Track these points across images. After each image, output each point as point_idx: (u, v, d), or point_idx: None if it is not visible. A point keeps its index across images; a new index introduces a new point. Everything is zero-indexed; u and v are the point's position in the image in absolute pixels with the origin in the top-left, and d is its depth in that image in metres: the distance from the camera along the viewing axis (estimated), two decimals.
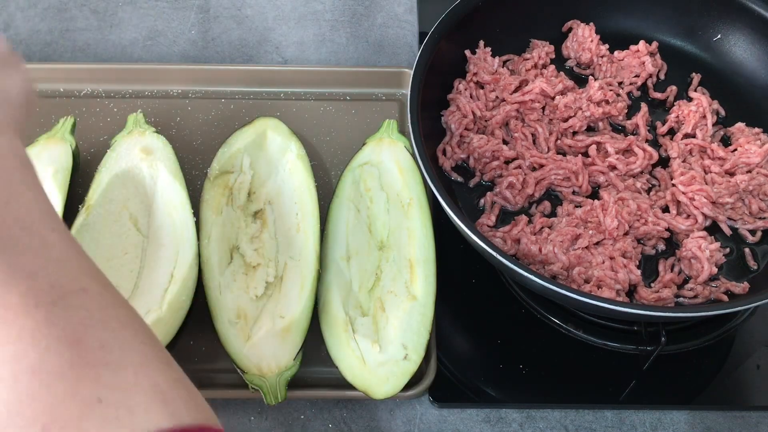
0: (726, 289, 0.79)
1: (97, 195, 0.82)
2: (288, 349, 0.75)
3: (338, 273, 0.80)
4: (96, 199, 0.82)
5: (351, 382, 0.74)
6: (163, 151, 0.86)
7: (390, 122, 0.90)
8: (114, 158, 0.86)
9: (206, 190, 0.84)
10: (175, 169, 0.85)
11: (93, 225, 0.81)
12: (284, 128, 0.89)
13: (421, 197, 0.83)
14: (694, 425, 0.79)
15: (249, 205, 0.85)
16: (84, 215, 0.81)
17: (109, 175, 0.84)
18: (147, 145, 0.87)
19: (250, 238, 0.83)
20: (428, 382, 0.77)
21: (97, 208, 0.81)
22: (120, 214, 0.83)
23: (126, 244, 0.82)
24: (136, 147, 0.86)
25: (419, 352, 0.75)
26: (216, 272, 0.79)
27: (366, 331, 0.77)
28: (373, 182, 0.86)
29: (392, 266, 0.81)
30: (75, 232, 0.79)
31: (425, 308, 0.77)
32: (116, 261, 0.80)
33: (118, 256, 0.80)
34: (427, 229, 0.81)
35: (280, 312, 0.77)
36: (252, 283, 0.80)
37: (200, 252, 0.80)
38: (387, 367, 0.74)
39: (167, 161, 0.85)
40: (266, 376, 0.74)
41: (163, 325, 0.75)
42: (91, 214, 0.81)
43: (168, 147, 0.87)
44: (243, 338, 0.76)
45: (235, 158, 0.87)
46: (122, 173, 0.84)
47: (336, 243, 0.82)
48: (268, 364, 0.74)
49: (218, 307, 0.77)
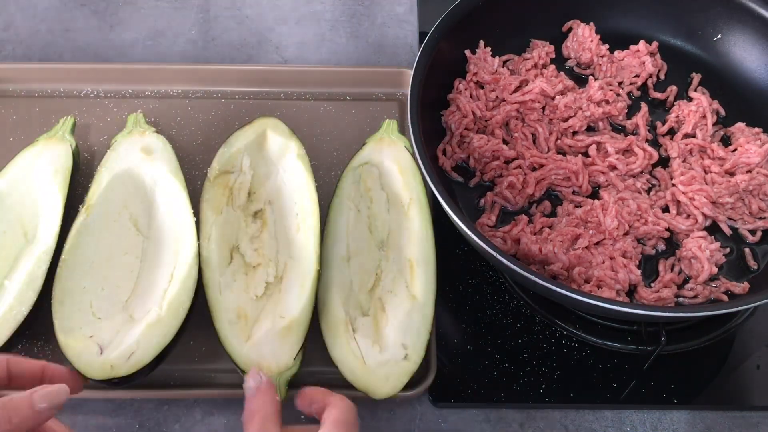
0: (726, 289, 0.79)
1: (97, 195, 0.82)
2: (288, 348, 0.75)
3: (338, 273, 0.80)
4: (96, 199, 0.82)
5: (351, 382, 0.74)
6: (163, 151, 0.86)
7: (390, 122, 0.90)
8: (114, 158, 0.85)
9: (206, 190, 0.84)
10: (175, 169, 0.85)
11: (93, 225, 0.80)
12: (284, 128, 0.89)
13: (421, 197, 0.83)
14: (694, 425, 0.79)
15: (249, 205, 0.85)
16: (84, 215, 0.80)
17: (110, 176, 0.84)
18: (147, 145, 0.86)
19: (250, 238, 0.83)
20: (428, 382, 0.77)
21: (97, 208, 0.81)
22: (120, 215, 0.83)
23: (126, 245, 0.82)
24: (136, 147, 0.86)
25: (419, 353, 0.75)
26: (216, 272, 0.79)
27: (366, 331, 0.77)
28: (373, 182, 0.86)
29: (392, 266, 0.81)
30: (75, 232, 0.79)
31: (425, 308, 0.77)
32: (116, 261, 0.80)
33: (118, 256, 0.80)
34: (427, 229, 0.81)
35: (280, 312, 0.77)
36: (252, 283, 0.80)
37: (200, 252, 0.80)
38: (387, 368, 0.74)
39: (167, 161, 0.85)
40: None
41: (163, 325, 0.75)
42: (92, 214, 0.81)
43: (168, 147, 0.87)
44: (243, 338, 0.76)
45: (235, 158, 0.87)
46: (122, 173, 0.84)
47: (336, 243, 0.81)
48: (268, 364, 0.74)
49: (218, 307, 0.77)
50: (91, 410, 0.78)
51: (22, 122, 0.94)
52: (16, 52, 1.04)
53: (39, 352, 0.79)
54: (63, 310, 0.75)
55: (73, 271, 0.77)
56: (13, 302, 0.75)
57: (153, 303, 0.77)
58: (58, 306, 0.75)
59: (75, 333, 0.74)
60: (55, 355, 0.79)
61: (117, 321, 0.76)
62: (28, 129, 0.93)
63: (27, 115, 0.94)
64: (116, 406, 0.78)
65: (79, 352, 0.72)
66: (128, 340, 0.74)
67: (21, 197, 0.83)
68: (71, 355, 0.72)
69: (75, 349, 0.73)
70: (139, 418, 0.78)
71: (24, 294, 0.76)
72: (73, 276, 0.77)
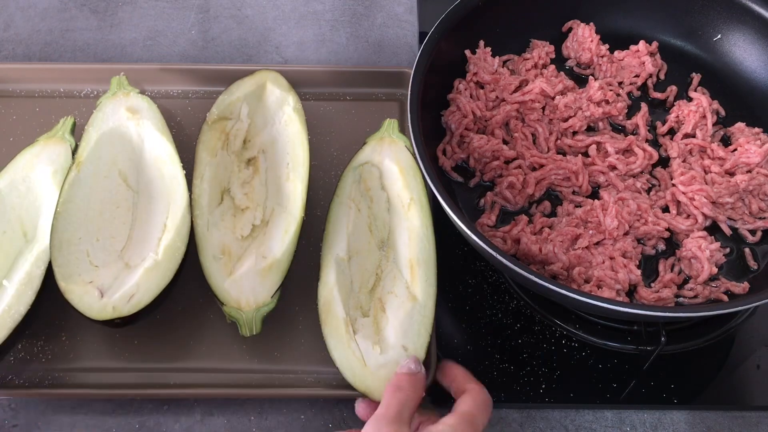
0: (726, 289, 0.79)
1: (86, 153, 0.84)
2: (267, 287, 0.78)
3: (339, 273, 0.80)
4: (86, 156, 0.84)
5: (351, 384, 0.74)
6: (148, 110, 0.89)
7: (390, 121, 0.90)
8: (101, 118, 0.88)
9: (203, 133, 0.88)
10: (161, 126, 0.88)
11: (84, 181, 0.83)
12: (284, 82, 0.93)
13: (421, 197, 0.83)
14: (694, 425, 0.79)
15: (243, 152, 0.89)
16: (75, 171, 0.83)
17: (97, 134, 0.86)
18: (132, 105, 0.89)
19: (242, 183, 0.87)
20: (428, 382, 0.77)
21: (86, 164, 0.84)
22: (110, 171, 0.86)
23: (117, 199, 0.85)
24: (121, 107, 0.89)
25: (420, 354, 0.75)
26: (205, 210, 0.83)
27: (367, 332, 0.77)
28: (373, 182, 0.86)
29: (393, 266, 0.81)
30: (67, 186, 0.82)
31: (426, 309, 0.77)
32: (109, 214, 0.83)
33: (110, 210, 0.84)
34: (428, 229, 0.81)
35: (263, 253, 0.81)
36: (239, 224, 0.84)
37: (192, 190, 0.84)
38: (388, 369, 0.74)
39: (153, 119, 0.88)
40: (244, 310, 0.78)
41: (161, 269, 0.78)
42: (82, 170, 0.83)
43: (153, 106, 0.90)
44: (225, 273, 0.79)
45: (234, 106, 0.90)
46: (110, 132, 0.87)
47: (336, 242, 0.82)
48: (247, 299, 0.78)
49: (204, 243, 0.81)
50: (91, 410, 0.78)
51: (22, 122, 0.94)
52: (16, 52, 1.04)
53: (39, 352, 0.79)
54: (61, 257, 0.78)
55: (68, 222, 0.80)
56: (11, 301, 0.76)
57: (148, 251, 0.80)
58: (57, 253, 0.78)
59: (75, 278, 0.77)
60: (55, 356, 0.79)
61: (114, 269, 0.79)
62: (28, 129, 0.93)
63: (27, 115, 0.94)
64: (116, 406, 0.78)
65: (80, 295, 0.76)
66: (128, 283, 0.77)
67: (21, 197, 0.84)
68: (73, 298, 0.76)
69: (76, 293, 0.76)
70: (139, 418, 0.78)
71: (23, 294, 0.76)
72: (68, 227, 0.80)
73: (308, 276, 0.82)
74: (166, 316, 0.82)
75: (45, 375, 0.78)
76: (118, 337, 0.80)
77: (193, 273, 0.82)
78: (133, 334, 0.80)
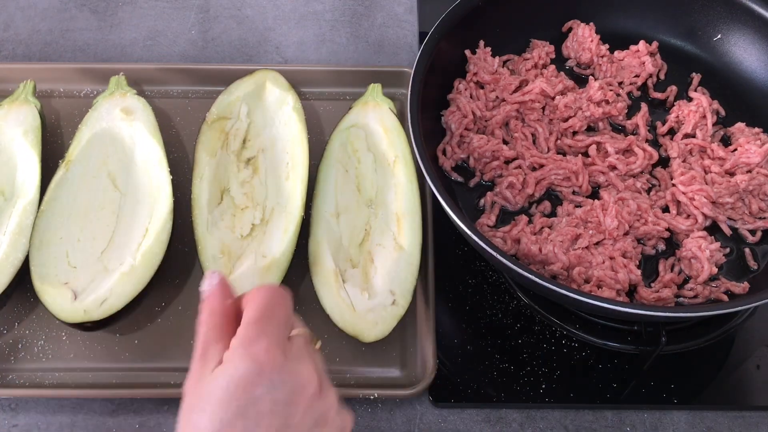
0: (726, 289, 0.79)
1: (77, 152, 0.85)
2: None
3: (328, 229, 0.83)
4: (76, 155, 0.85)
5: (342, 328, 0.77)
6: (143, 112, 0.89)
7: (375, 86, 0.93)
8: (95, 117, 0.88)
9: (203, 133, 0.88)
10: (153, 129, 0.88)
11: (72, 180, 0.84)
12: (283, 82, 0.93)
13: (405, 154, 0.87)
14: (694, 425, 0.79)
15: (243, 152, 0.90)
16: (63, 170, 0.84)
17: (90, 133, 0.87)
18: (128, 106, 0.89)
19: (241, 182, 0.87)
20: (428, 382, 0.77)
21: (76, 164, 0.85)
22: (99, 171, 0.86)
23: (103, 200, 0.85)
24: (117, 108, 0.89)
25: (407, 297, 0.78)
26: (205, 210, 0.83)
27: (355, 280, 0.80)
28: (360, 143, 0.89)
29: (381, 222, 0.84)
30: (54, 186, 0.83)
31: (411, 257, 0.80)
32: (93, 215, 0.84)
33: (95, 210, 0.84)
34: (412, 183, 0.85)
35: (263, 252, 0.81)
36: (239, 223, 0.84)
37: (192, 190, 0.84)
38: (376, 313, 0.77)
39: (147, 122, 0.88)
40: None
41: (137, 275, 0.79)
42: (71, 169, 0.84)
43: (148, 108, 0.90)
44: (225, 272, 0.80)
45: (234, 105, 0.91)
46: (102, 132, 0.87)
47: (325, 201, 0.85)
48: None
49: (204, 243, 0.81)
50: (91, 410, 0.78)
51: None
52: (16, 52, 1.04)
53: (39, 352, 0.79)
54: (39, 257, 0.79)
55: (50, 221, 0.81)
56: (8, 250, 0.78)
57: (127, 255, 0.80)
58: (35, 253, 0.79)
59: (51, 279, 0.78)
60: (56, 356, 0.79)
61: (92, 271, 0.80)
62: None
63: None
64: (116, 406, 0.78)
65: (53, 296, 0.77)
66: (102, 287, 0.78)
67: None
68: (46, 299, 0.77)
69: (50, 294, 0.77)
70: (139, 418, 0.78)
71: (17, 241, 0.79)
72: (50, 227, 0.80)
73: (308, 275, 0.82)
74: (167, 316, 0.82)
75: (45, 375, 0.78)
76: (118, 337, 0.80)
77: (193, 273, 0.83)
78: (134, 334, 0.81)
